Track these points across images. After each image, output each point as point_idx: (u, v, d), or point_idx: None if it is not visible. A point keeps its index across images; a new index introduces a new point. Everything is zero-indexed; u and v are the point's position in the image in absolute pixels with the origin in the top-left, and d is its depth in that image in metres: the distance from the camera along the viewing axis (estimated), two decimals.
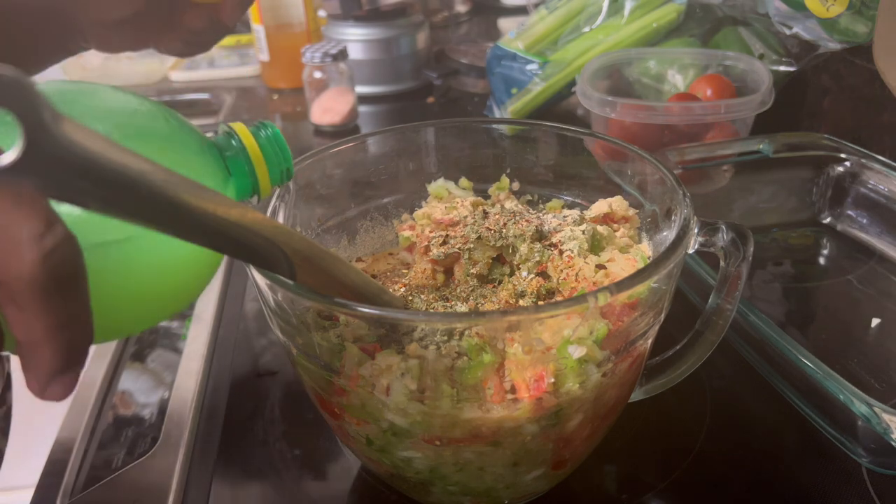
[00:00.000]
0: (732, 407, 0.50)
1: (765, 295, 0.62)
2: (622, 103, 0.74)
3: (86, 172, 0.20)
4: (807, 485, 0.44)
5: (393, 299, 0.39)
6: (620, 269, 0.41)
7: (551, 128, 0.49)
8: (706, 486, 0.44)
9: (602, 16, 0.91)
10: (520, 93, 0.91)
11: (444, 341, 0.33)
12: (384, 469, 0.40)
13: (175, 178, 0.23)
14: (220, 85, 1.27)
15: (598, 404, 0.37)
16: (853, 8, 0.72)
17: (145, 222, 0.23)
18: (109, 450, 0.48)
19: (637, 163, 0.45)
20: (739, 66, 0.82)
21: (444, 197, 0.50)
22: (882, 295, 0.62)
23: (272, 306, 0.36)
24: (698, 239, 0.39)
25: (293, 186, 0.44)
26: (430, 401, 0.33)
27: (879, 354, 0.54)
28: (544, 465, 0.38)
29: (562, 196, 0.50)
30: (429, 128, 0.50)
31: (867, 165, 0.67)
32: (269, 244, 0.29)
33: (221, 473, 0.47)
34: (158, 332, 0.61)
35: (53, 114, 0.19)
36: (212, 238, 0.26)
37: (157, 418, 0.50)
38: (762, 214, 0.72)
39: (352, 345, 0.34)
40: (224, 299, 0.65)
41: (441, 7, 1.51)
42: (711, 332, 0.41)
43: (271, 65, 1.21)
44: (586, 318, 0.33)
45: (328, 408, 0.38)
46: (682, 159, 0.66)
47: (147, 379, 0.56)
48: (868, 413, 0.40)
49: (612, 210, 0.45)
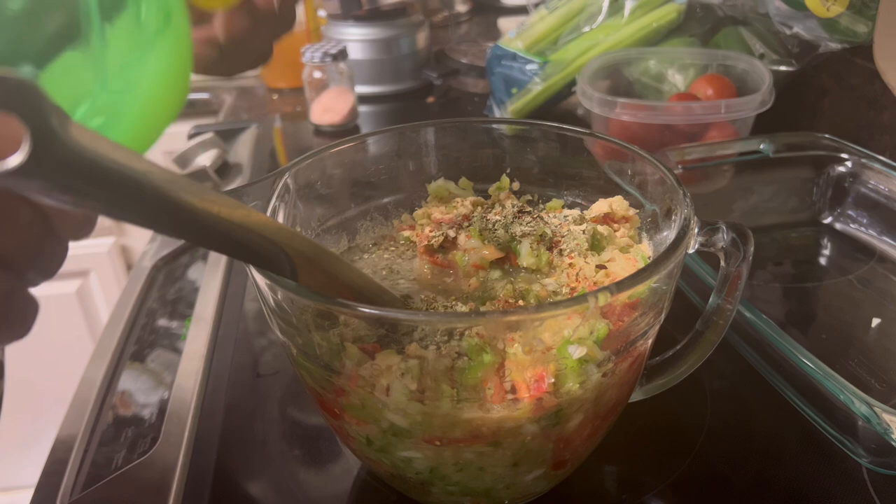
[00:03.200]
0: (732, 407, 0.50)
1: (765, 295, 0.62)
2: (622, 103, 0.74)
3: (91, 175, 0.20)
4: (807, 485, 0.44)
5: (393, 299, 0.40)
6: (620, 269, 0.41)
7: (551, 128, 0.49)
8: (706, 486, 0.44)
9: (602, 16, 0.91)
10: (520, 93, 0.91)
11: (444, 341, 0.33)
12: (384, 469, 0.40)
13: (179, 180, 0.23)
14: (220, 85, 1.27)
15: (598, 404, 0.37)
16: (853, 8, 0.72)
17: (147, 223, 0.23)
18: (109, 450, 0.48)
19: (637, 163, 0.45)
20: (739, 66, 0.82)
21: (444, 197, 0.50)
22: (882, 295, 0.62)
23: (272, 306, 0.36)
24: (698, 239, 0.39)
25: (293, 186, 0.44)
26: (430, 401, 0.33)
27: (879, 354, 0.54)
28: (544, 465, 0.38)
29: (562, 196, 0.50)
30: (429, 128, 0.50)
31: (867, 165, 0.67)
32: (272, 245, 0.29)
33: (221, 473, 0.47)
34: (158, 332, 0.61)
35: (60, 117, 0.19)
36: (215, 239, 0.26)
37: (157, 418, 0.50)
38: (762, 214, 0.72)
39: (352, 345, 0.34)
40: (224, 299, 0.65)
41: (441, 7, 1.51)
42: (711, 332, 0.41)
43: (271, 64, 1.20)
44: (587, 318, 0.33)
45: (328, 408, 0.38)
46: (682, 159, 0.66)
47: (147, 379, 0.56)
48: (868, 413, 0.40)
49: (612, 210, 0.45)
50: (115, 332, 0.61)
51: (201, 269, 0.69)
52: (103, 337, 0.61)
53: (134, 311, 0.64)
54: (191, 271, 0.70)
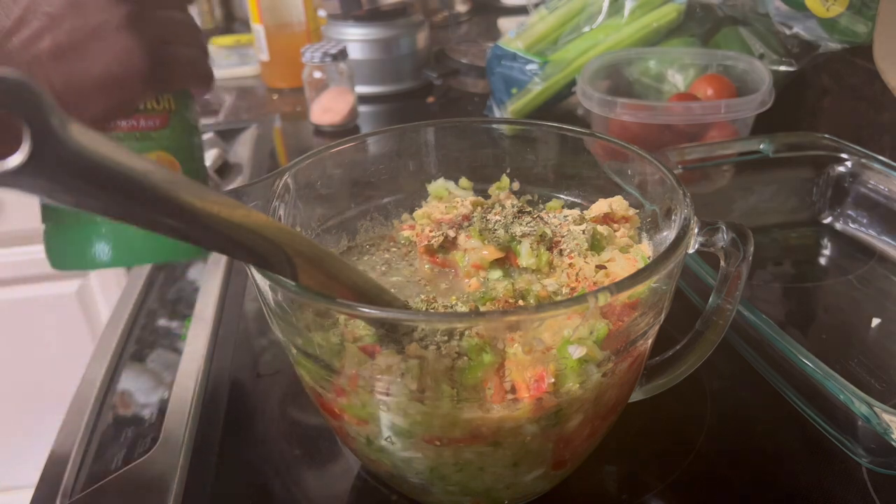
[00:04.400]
0: (732, 407, 0.50)
1: (765, 295, 0.62)
2: (622, 103, 0.74)
3: (91, 175, 0.20)
4: (807, 485, 0.44)
5: (393, 299, 0.40)
6: (620, 269, 0.41)
7: (551, 128, 0.49)
8: (706, 486, 0.44)
9: (602, 16, 0.91)
10: (520, 93, 0.91)
11: (444, 341, 0.33)
12: (384, 469, 0.40)
13: (179, 180, 0.23)
14: (220, 85, 1.27)
15: (598, 404, 0.37)
16: (853, 8, 0.72)
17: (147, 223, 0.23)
18: (109, 450, 0.48)
19: (637, 163, 0.45)
20: (739, 66, 0.82)
21: (444, 197, 0.50)
22: (882, 295, 0.62)
23: (272, 306, 0.36)
24: (698, 239, 0.39)
25: (293, 186, 0.44)
26: (430, 401, 0.33)
27: (879, 354, 0.54)
28: (544, 465, 0.38)
29: (562, 196, 0.50)
30: (429, 128, 0.50)
31: (867, 165, 0.67)
32: (272, 245, 0.29)
33: (221, 473, 0.47)
34: (158, 332, 0.61)
35: (61, 117, 0.19)
36: (215, 240, 0.26)
37: (157, 418, 0.50)
38: (762, 214, 0.72)
39: (352, 345, 0.34)
40: (224, 299, 0.65)
41: (441, 7, 1.51)
42: (711, 332, 0.41)
43: (271, 64, 1.21)
44: (586, 318, 0.33)
45: (328, 408, 0.38)
46: (682, 159, 0.66)
47: (147, 379, 0.56)
48: (868, 413, 0.40)
49: (612, 210, 0.45)
50: (115, 332, 0.61)
51: (201, 269, 0.69)
52: (103, 337, 0.61)
53: (134, 311, 0.64)
54: (191, 271, 0.70)
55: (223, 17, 1.56)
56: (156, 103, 0.44)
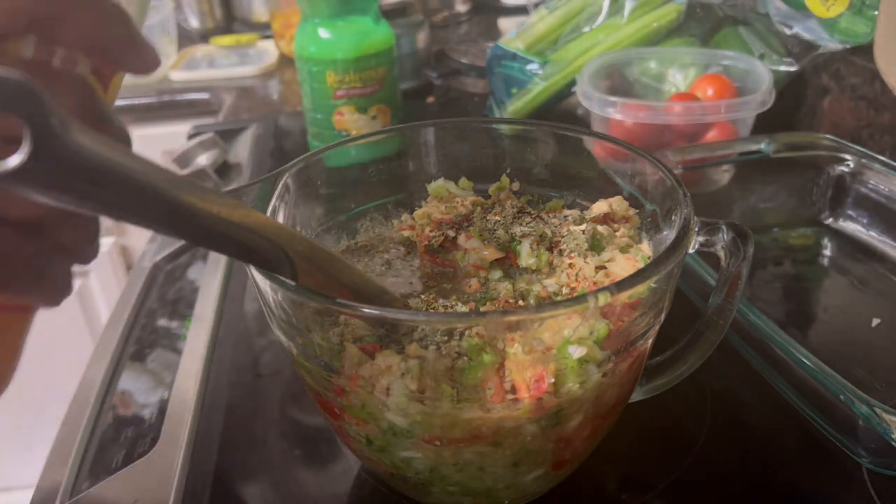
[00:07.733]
0: (732, 407, 0.50)
1: (765, 295, 0.62)
2: (622, 103, 0.74)
3: (92, 176, 0.20)
4: (807, 485, 0.44)
5: (393, 299, 0.40)
6: (620, 269, 0.41)
7: (551, 128, 0.49)
8: (707, 486, 0.44)
9: (602, 16, 0.91)
10: (520, 93, 0.91)
11: (444, 341, 0.33)
12: (384, 469, 0.40)
13: (179, 181, 0.23)
14: (220, 85, 1.27)
15: (598, 404, 0.37)
16: (853, 8, 0.72)
17: (147, 224, 0.23)
18: (109, 450, 0.48)
19: (637, 163, 0.45)
20: (739, 66, 0.82)
21: (444, 197, 0.50)
22: (882, 295, 0.62)
23: (272, 306, 0.36)
24: (698, 239, 0.39)
25: (293, 186, 0.44)
26: (430, 401, 0.33)
27: (879, 354, 0.54)
28: (544, 465, 0.38)
29: (562, 196, 0.50)
30: (429, 128, 0.50)
31: (867, 165, 0.67)
32: (272, 245, 0.29)
33: (221, 473, 0.47)
34: (158, 332, 0.61)
35: (61, 119, 0.19)
36: (215, 240, 0.26)
37: (156, 418, 0.50)
38: (762, 214, 0.72)
39: (352, 345, 0.34)
40: (224, 299, 0.65)
41: (441, 7, 1.51)
42: (711, 332, 0.41)
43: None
44: (586, 318, 0.33)
45: (328, 408, 0.38)
46: (682, 159, 0.66)
47: (147, 379, 0.56)
48: (868, 413, 0.40)
49: (612, 210, 0.45)
50: (115, 332, 0.61)
51: (201, 269, 0.69)
52: (103, 337, 0.61)
53: (134, 311, 0.64)
54: (191, 271, 0.70)
55: (223, 17, 1.56)
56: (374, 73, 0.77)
